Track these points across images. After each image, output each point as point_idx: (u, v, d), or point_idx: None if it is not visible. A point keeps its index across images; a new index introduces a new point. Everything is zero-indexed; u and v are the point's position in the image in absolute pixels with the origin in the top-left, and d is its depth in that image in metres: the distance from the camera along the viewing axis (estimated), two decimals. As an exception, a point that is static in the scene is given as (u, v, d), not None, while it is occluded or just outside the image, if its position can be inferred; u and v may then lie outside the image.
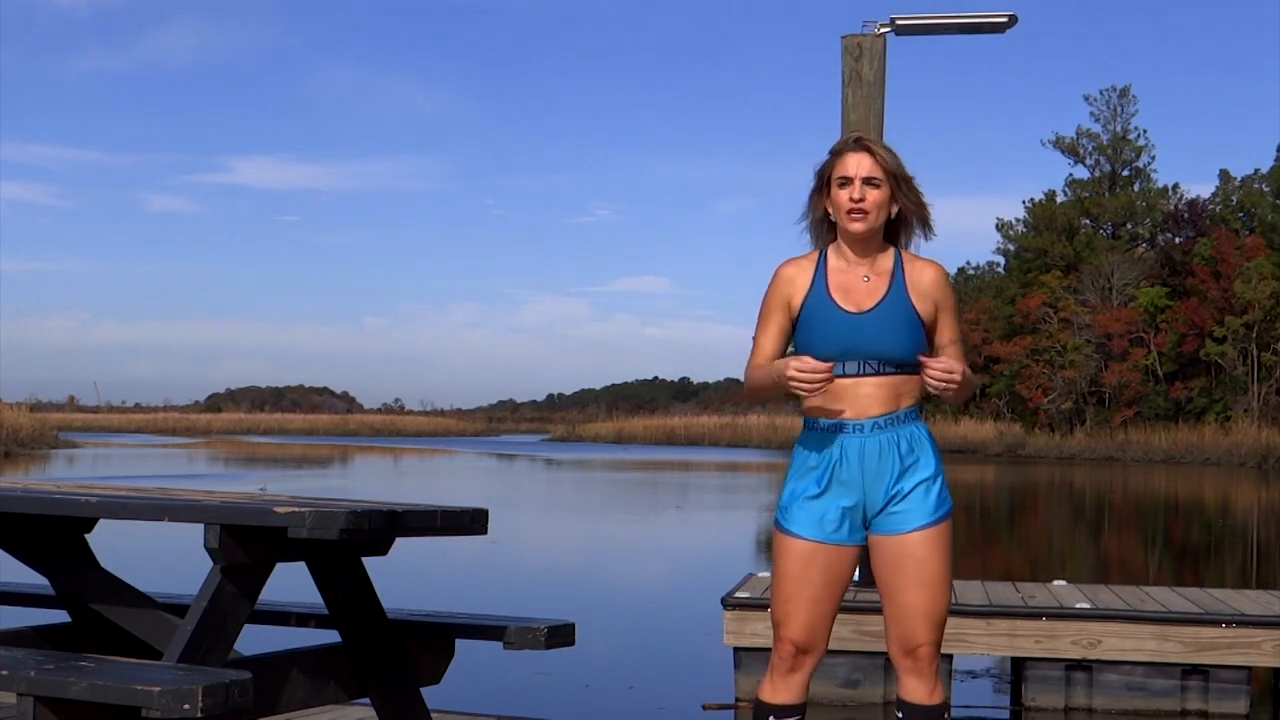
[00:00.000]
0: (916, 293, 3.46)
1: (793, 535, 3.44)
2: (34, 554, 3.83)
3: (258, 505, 3.36)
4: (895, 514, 3.41)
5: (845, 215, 3.45)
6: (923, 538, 3.40)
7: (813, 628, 3.46)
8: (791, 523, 3.45)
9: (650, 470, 42.24)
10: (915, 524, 3.40)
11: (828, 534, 3.42)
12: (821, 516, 3.42)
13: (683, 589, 13.20)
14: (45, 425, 50.39)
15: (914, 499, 3.41)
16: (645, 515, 23.51)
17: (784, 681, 3.50)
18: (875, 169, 3.45)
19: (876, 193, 3.44)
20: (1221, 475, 42.02)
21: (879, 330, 3.40)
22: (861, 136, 3.54)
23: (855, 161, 3.45)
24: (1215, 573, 15.18)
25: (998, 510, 26.75)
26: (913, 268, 3.50)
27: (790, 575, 3.44)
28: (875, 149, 3.48)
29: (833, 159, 3.50)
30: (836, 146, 3.52)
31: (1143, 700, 7.36)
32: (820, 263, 3.51)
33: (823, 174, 3.52)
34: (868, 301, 3.44)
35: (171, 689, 2.89)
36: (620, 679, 8.36)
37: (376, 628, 3.78)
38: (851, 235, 3.47)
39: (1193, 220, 63.91)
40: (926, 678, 3.46)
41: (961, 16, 8.97)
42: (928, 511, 3.41)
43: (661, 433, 74.38)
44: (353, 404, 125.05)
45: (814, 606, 3.44)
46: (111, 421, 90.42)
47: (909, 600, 3.42)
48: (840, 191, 3.46)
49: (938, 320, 3.49)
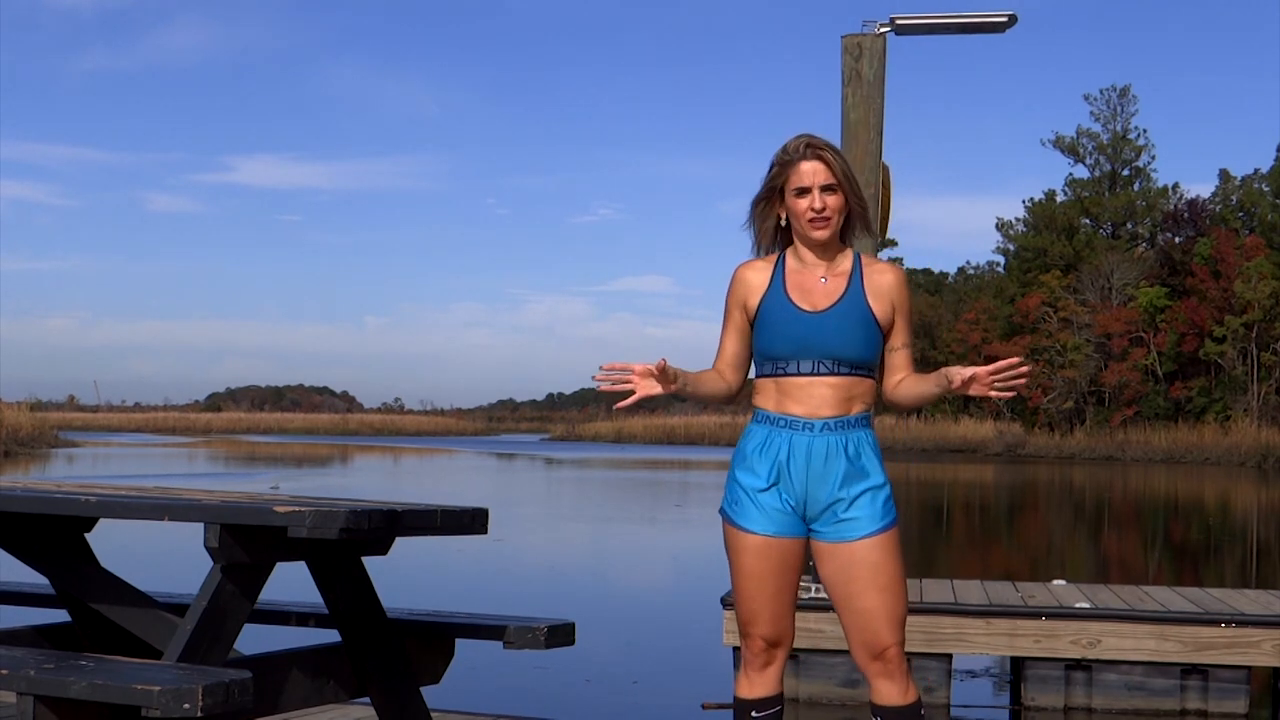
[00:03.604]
0: (874, 294, 3.47)
1: (745, 530, 3.44)
2: (34, 553, 3.83)
3: (258, 505, 3.36)
4: (844, 521, 3.41)
5: (807, 224, 3.45)
6: (874, 543, 3.40)
7: (779, 620, 3.48)
8: (742, 517, 3.45)
9: (650, 469, 42.25)
10: (865, 531, 3.40)
11: (779, 527, 3.43)
12: (771, 509, 3.42)
13: (682, 588, 13.21)
14: (45, 424, 50.38)
15: (861, 505, 3.41)
16: (645, 514, 23.52)
17: (760, 676, 3.52)
18: (830, 175, 3.45)
19: (835, 198, 3.45)
20: (1221, 475, 42.02)
21: (834, 330, 3.41)
22: (812, 141, 3.49)
23: (811, 170, 3.44)
24: (1215, 572, 15.18)
25: (997, 510, 26.76)
26: (871, 269, 3.52)
27: (750, 573, 3.45)
28: (827, 154, 3.46)
29: (784, 169, 3.47)
30: (786, 155, 3.47)
31: (1142, 700, 7.36)
32: (778, 264, 3.53)
33: (774, 184, 3.50)
34: (824, 302, 3.45)
35: (171, 688, 2.89)
36: (620, 678, 8.36)
37: (376, 627, 3.79)
38: (813, 241, 3.48)
39: (1193, 220, 63.91)
40: (898, 679, 3.45)
41: (961, 16, 8.97)
42: (876, 518, 3.41)
43: (661, 432, 74.37)
44: (352, 403, 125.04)
45: (777, 600, 3.46)
46: (111, 421, 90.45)
47: (869, 605, 3.41)
48: (799, 201, 3.46)
49: (894, 323, 3.50)
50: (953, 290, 76.42)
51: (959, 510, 25.64)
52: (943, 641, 7.42)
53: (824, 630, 7.35)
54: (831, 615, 7.30)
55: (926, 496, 28.73)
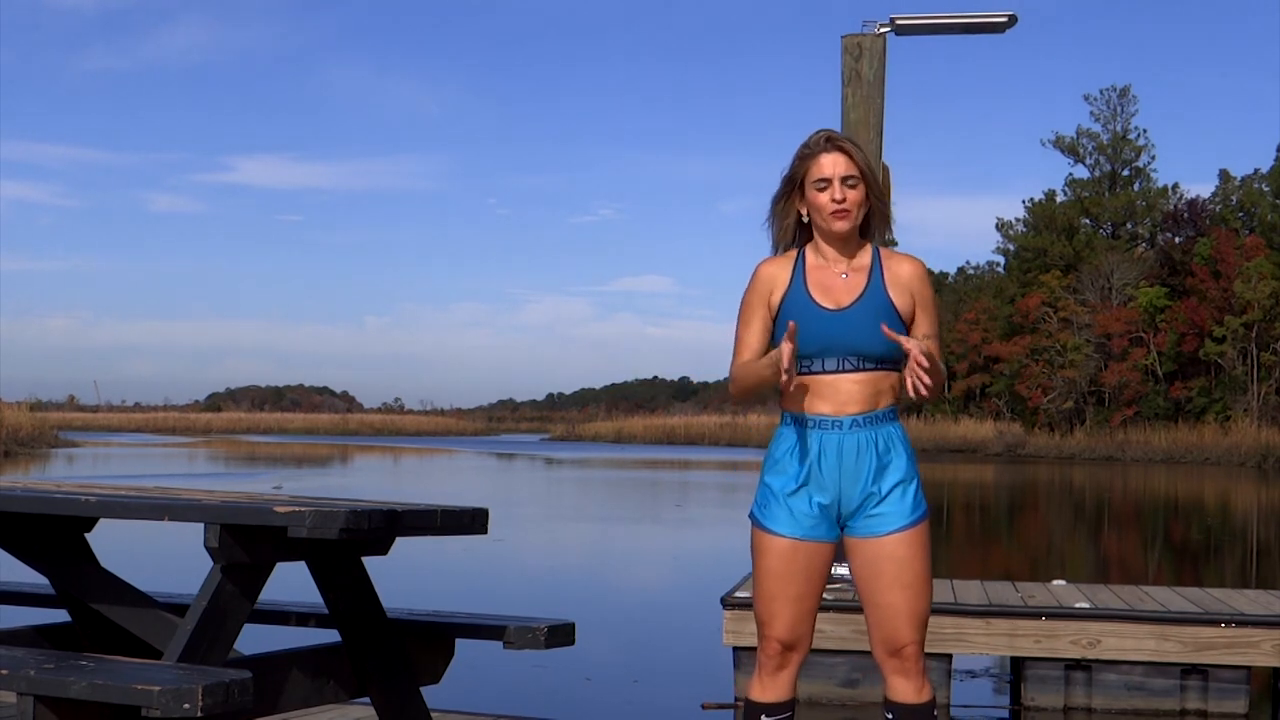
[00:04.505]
0: (895, 287, 3.46)
1: (772, 533, 3.44)
2: (34, 553, 3.83)
3: (258, 505, 3.36)
4: (873, 516, 3.41)
5: (828, 216, 3.44)
6: (902, 539, 3.40)
7: (798, 624, 3.47)
8: (770, 520, 3.45)
9: (650, 469, 42.24)
10: (893, 526, 3.40)
11: (806, 530, 3.42)
12: (799, 513, 3.42)
13: (682, 588, 13.20)
14: (45, 424, 50.40)
15: (891, 501, 3.41)
16: (645, 514, 23.52)
17: (772, 679, 3.50)
18: (851, 167, 3.45)
19: (855, 192, 3.45)
20: (1221, 475, 42.01)
21: (857, 326, 3.40)
22: (832, 135, 3.51)
23: (831, 162, 3.45)
24: (1215, 572, 15.18)
25: (997, 510, 26.75)
26: (891, 262, 3.50)
27: (772, 573, 3.44)
28: (848, 147, 3.47)
29: (804, 162, 3.48)
30: (806, 149, 3.49)
31: (1142, 700, 7.36)
32: (798, 261, 3.52)
33: (794, 178, 3.50)
34: (846, 298, 3.44)
35: (171, 688, 2.89)
36: (620, 678, 8.36)
37: (376, 627, 3.79)
38: (834, 234, 3.47)
39: (1192, 220, 63.90)
40: (913, 677, 3.45)
41: (961, 16, 8.97)
42: (905, 513, 3.41)
43: (661, 432, 74.38)
44: (352, 403, 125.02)
45: (798, 604, 3.45)
46: (111, 421, 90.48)
47: (891, 601, 3.41)
48: (819, 194, 3.45)
49: (915, 315, 3.49)
50: (953, 290, 76.38)
51: (959, 510, 25.63)
52: (943, 641, 7.42)
53: (824, 630, 7.35)
54: (832, 615, 7.30)
55: (927, 496, 28.63)
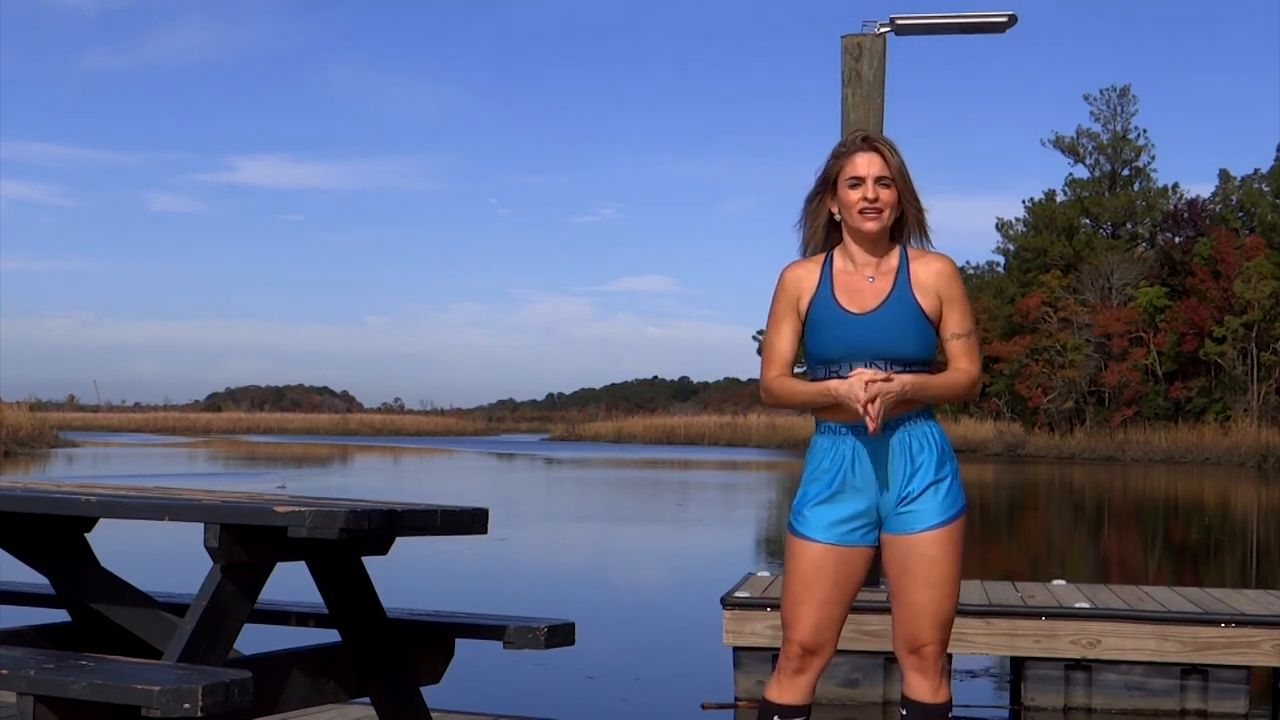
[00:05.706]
0: (920, 288, 3.45)
1: (804, 538, 3.45)
2: (34, 553, 3.83)
3: (258, 505, 3.36)
4: (906, 514, 3.42)
5: (858, 215, 3.44)
6: (933, 538, 3.40)
7: (821, 629, 3.46)
8: (803, 525, 3.46)
9: (650, 469, 42.24)
10: (926, 524, 3.40)
11: (839, 536, 3.43)
12: (832, 519, 3.43)
13: (682, 588, 13.20)
14: (45, 424, 50.40)
15: (925, 499, 3.42)
16: (645, 514, 23.51)
17: (791, 682, 3.50)
18: (885, 168, 3.45)
19: (888, 192, 3.44)
20: (1221, 475, 42.01)
21: (884, 330, 3.40)
22: (869, 135, 3.53)
23: (866, 161, 3.45)
24: (1215, 572, 15.18)
25: (997, 510, 26.75)
26: (918, 263, 3.49)
27: (800, 576, 3.45)
28: (883, 148, 3.47)
29: (839, 160, 3.48)
30: (842, 147, 3.50)
31: (1142, 700, 7.36)
32: (826, 265, 3.51)
33: (828, 176, 3.50)
34: (872, 302, 3.43)
35: (171, 688, 2.89)
36: (620, 678, 8.36)
37: (376, 627, 3.78)
38: (863, 235, 3.47)
39: (1192, 220, 63.89)
40: (931, 676, 3.45)
41: (961, 16, 8.97)
42: (937, 511, 3.41)
43: (661, 432, 74.37)
44: (352, 403, 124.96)
45: (822, 608, 3.45)
46: (111, 421, 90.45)
47: (916, 599, 3.42)
48: (851, 192, 3.45)
49: (943, 314, 3.48)
50: (953, 290, 76.27)
51: (959, 510, 25.59)
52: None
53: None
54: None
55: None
